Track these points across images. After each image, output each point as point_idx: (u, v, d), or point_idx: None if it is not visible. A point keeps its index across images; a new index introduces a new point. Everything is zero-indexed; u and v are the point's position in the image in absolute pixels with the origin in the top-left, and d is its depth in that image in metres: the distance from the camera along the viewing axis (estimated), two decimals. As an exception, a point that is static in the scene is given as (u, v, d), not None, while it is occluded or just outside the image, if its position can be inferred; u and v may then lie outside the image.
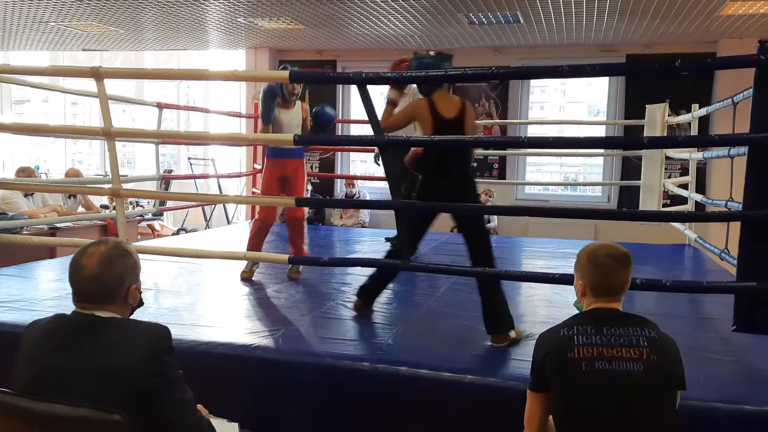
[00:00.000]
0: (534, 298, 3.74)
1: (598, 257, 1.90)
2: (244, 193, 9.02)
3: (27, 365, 1.62)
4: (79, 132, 6.35)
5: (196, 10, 6.64)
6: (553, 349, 1.81)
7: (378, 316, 3.27)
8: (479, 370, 2.48)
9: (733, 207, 3.39)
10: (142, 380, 1.56)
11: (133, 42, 8.71)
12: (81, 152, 11.79)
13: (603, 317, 1.85)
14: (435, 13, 6.36)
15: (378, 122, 2.80)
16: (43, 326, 1.66)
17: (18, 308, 3.17)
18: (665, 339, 1.82)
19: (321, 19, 6.88)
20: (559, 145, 3.51)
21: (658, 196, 5.78)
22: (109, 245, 1.70)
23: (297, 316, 3.17)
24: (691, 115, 5.11)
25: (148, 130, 4.78)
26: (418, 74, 2.89)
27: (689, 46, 7.44)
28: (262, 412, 2.59)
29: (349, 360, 2.56)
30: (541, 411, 1.89)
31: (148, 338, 1.62)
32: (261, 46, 8.60)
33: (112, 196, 3.09)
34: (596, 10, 6.09)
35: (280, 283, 3.94)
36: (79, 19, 7.19)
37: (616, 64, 6.97)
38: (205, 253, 3.45)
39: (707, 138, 2.61)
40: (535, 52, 8.03)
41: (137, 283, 1.73)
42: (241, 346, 2.69)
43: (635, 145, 4.78)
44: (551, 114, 9.17)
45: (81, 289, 1.66)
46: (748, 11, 5.95)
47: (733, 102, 3.43)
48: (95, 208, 6.48)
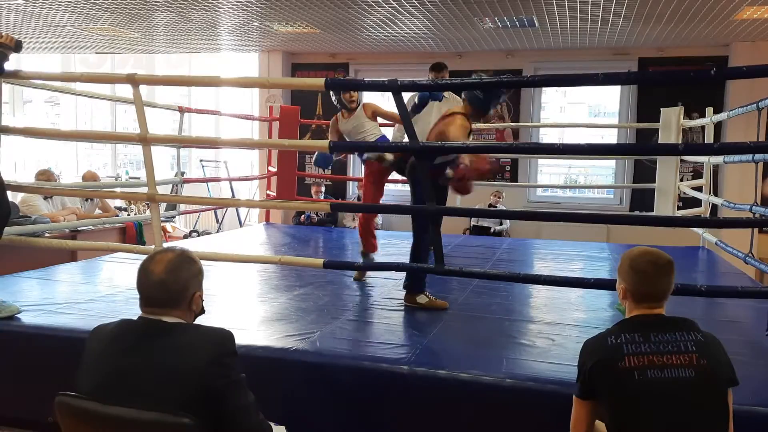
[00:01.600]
0: (558, 301, 3.77)
1: (640, 264, 1.91)
2: (257, 196, 9.06)
3: (95, 369, 1.65)
4: (116, 138, 6.39)
5: (209, 14, 6.68)
6: (602, 358, 1.81)
7: (407, 319, 3.31)
8: (517, 374, 2.51)
9: (758, 212, 3.44)
10: (208, 383, 1.61)
11: (145, 44, 8.76)
12: (91, 154, 11.82)
13: (648, 324, 1.87)
14: (450, 17, 6.40)
15: (412, 128, 2.84)
16: (110, 331, 1.70)
17: (53, 311, 3.21)
18: (711, 340, 1.84)
19: (335, 23, 6.93)
20: (590, 152, 3.53)
21: (673, 199, 5.81)
22: (176, 253, 1.75)
23: (329, 319, 3.20)
24: (710, 119, 5.15)
25: (184, 136, 4.81)
26: (452, 81, 2.92)
27: (702, 49, 7.48)
28: (300, 414, 2.62)
29: (388, 363, 2.59)
30: (587, 418, 1.90)
31: (213, 342, 1.67)
32: (274, 50, 8.65)
33: (148, 201, 3.13)
34: (611, 15, 6.13)
35: (305, 286, 3.98)
36: (93, 22, 7.24)
37: (650, 73, 7.05)
38: (249, 258, 3.51)
39: (742, 145, 2.63)
40: (547, 55, 8.07)
41: (201, 290, 1.77)
42: (279, 349, 2.72)
43: (671, 152, 4.82)
44: (552, 115, 9.21)
45: (148, 294, 1.71)
46: (763, 15, 5.98)
47: (758, 107, 3.47)
48: (113, 211, 6.53)
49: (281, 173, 6.99)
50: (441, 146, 2.88)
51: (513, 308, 3.64)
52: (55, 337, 2.90)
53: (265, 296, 3.82)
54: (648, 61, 7.74)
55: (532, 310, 3.71)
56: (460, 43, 7.74)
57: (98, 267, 4.60)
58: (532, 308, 3.74)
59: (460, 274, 2.99)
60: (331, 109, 8.61)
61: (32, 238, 3.96)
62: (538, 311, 3.66)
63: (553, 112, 9.32)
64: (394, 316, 3.36)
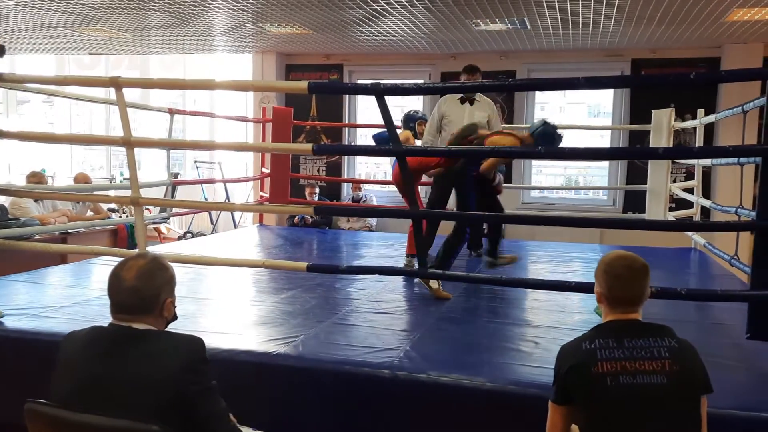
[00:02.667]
0: (545, 303, 3.77)
1: (614, 268, 1.91)
2: (251, 197, 9.06)
3: (68, 376, 1.65)
4: (99, 141, 6.41)
5: (203, 15, 6.68)
6: (577, 363, 1.82)
7: (392, 322, 3.31)
8: (498, 378, 2.51)
9: (742, 214, 3.44)
10: (180, 390, 1.60)
11: (139, 46, 8.75)
12: (87, 155, 11.82)
13: (623, 329, 1.87)
14: (443, 19, 6.39)
15: (395, 131, 2.84)
16: (82, 338, 1.70)
17: (38, 315, 3.21)
18: (685, 346, 1.84)
19: (328, 24, 6.93)
20: (571, 155, 3.56)
21: (664, 201, 5.81)
22: (147, 259, 1.74)
23: (314, 323, 3.20)
24: (699, 122, 5.15)
25: (169, 140, 4.80)
26: (434, 85, 2.92)
27: (694, 51, 7.48)
28: (282, 419, 2.62)
29: (370, 367, 2.59)
30: (563, 423, 1.90)
31: (184, 349, 1.66)
32: (268, 51, 8.64)
33: (131, 204, 3.13)
34: (603, 16, 6.13)
35: (294, 289, 3.98)
36: (87, 23, 7.24)
37: (634, 76, 7.07)
38: (232, 262, 3.49)
39: (721, 149, 2.64)
40: (541, 57, 8.07)
41: (172, 296, 1.77)
42: (262, 353, 2.72)
43: (651, 156, 4.87)
44: (551, 114, 9.21)
45: (119, 301, 1.70)
46: (754, 17, 5.99)
47: (743, 110, 3.47)
48: (104, 213, 6.53)
49: (274, 175, 6.98)
50: (424, 149, 2.88)
51: (499, 311, 3.64)
52: (38, 341, 2.89)
53: (253, 299, 3.82)
54: (641, 62, 7.74)
55: (518, 312, 3.71)
56: (454, 45, 7.73)
57: (88, 270, 4.59)
58: (518, 311, 3.74)
59: (443, 277, 2.99)
60: (326, 111, 8.70)
61: (18, 242, 3.96)
62: (525, 314, 3.66)
63: (552, 112, 9.33)
64: (380, 319, 3.36)
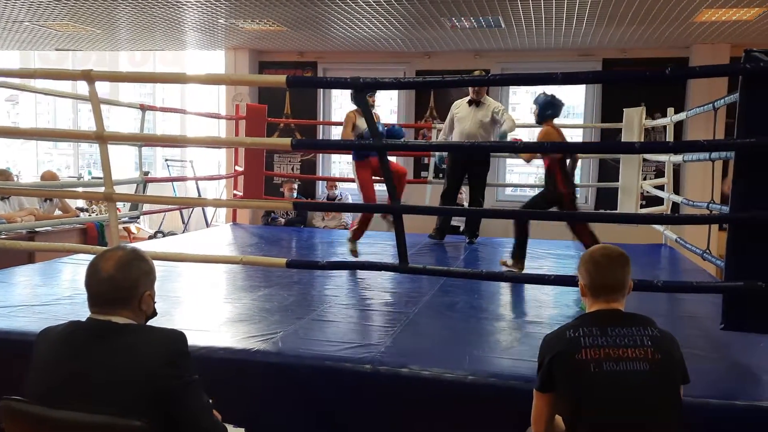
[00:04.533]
0: (523, 298, 3.81)
1: (594, 257, 1.99)
2: (224, 196, 8.96)
3: (44, 373, 1.61)
4: (71, 136, 6.24)
5: (174, 10, 6.57)
6: (561, 351, 1.85)
7: (372, 317, 3.30)
8: (479, 371, 2.52)
9: (714, 209, 3.51)
10: (161, 385, 1.57)
11: (107, 42, 8.58)
12: (53, 155, 11.56)
13: (606, 318, 1.92)
14: (418, 17, 6.40)
15: (376, 126, 2.83)
16: (59, 333, 1.66)
17: (6, 315, 3.12)
18: (666, 336, 1.89)
19: (302, 21, 6.88)
20: (552, 150, 3.61)
21: (636, 197, 5.91)
22: (126, 250, 1.71)
23: (293, 320, 3.17)
24: (670, 119, 5.25)
25: (143, 134, 4.71)
26: (415, 80, 2.92)
27: (664, 50, 7.63)
28: (263, 416, 2.59)
29: (351, 362, 2.58)
30: (547, 411, 1.94)
31: (165, 343, 1.63)
32: (241, 47, 8.55)
33: (105, 200, 3.05)
34: (576, 16, 6.21)
35: (271, 286, 3.94)
36: (54, 18, 7.07)
37: (609, 72, 7.22)
38: (209, 258, 3.44)
39: (696, 143, 2.70)
40: (514, 56, 8.14)
41: (152, 290, 1.73)
42: (241, 350, 2.69)
43: (628, 150, 4.99)
44: (523, 116, 9.30)
45: (96, 292, 1.66)
46: (721, 18, 6.12)
47: (714, 107, 3.54)
48: (73, 212, 6.38)
49: (248, 172, 6.90)
50: (404, 144, 2.87)
51: (479, 306, 3.65)
52: (7, 341, 2.81)
53: (229, 297, 3.77)
54: (612, 62, 7.86)
55: (497, 307, 3.73)
56: (428, 43, 7.75)
57: (56, 269, 4.48)
58: (497, 305, 3.76)
59: (423, 272, 2.99)
60: (300, 109, 8.64)
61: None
62: (504, 308, 3.69)
63: (524, 113, 9.41)
64: (358, 315, 3.34)
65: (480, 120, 5.48)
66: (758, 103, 2.49)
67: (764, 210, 2.51)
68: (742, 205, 2.56)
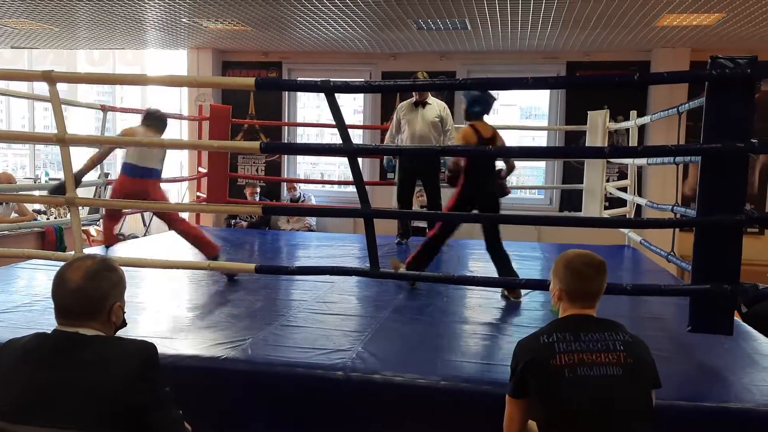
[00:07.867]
0: (492, 301, 3.81)
1: (575, 264, 1.98)
2: (186, 198, 8.78)
3: (7, 386, 1.52)
4: (31, 139, 6.04)
5: (135, 8, 6.41)
6: (535, 357, 1.85)
7: (342, 323, 3.25)
8: (451, 376, 2.51)
9: (678, 211, 3.58)
10: (133, 399, 1.52)
11: (65, 40, 8.33)
12: (7, 155, 11.19)
13: (579, 323, 1.93)
14: (384, 18, 6.38)
15: (346, 130, 2.80)
16: (23, 345, 1.58)
17: (-40, 324, 2.98)
18: (638, 341, 1.92)
19: (267, 21, 6.79)
20: (520, 154, 3.64)
21: (600, 199, 6.02)
22: (95, 260, 1.64)
23: (262, 325, 3.11)
24: (634, 122, 5.34)
25: (106, 137, 4.57)
26: (386, 84, 2.90)
27: (626, 54, 7.78)
28: (233, 424, 2.53)
29: (323, 369, 2.53)
30: (520, 416, 1.94)
31: (135, 355, 1.57)
32: (204, 47, 8.40)
33: (67, 204, 2.95)
34: (541, 19, 6.28)
35: (238, 291, 3.87)
36: (9, 15, 6.82)
37: (578, 77, 7.37)
38: (175, 264, 3.36)
39: (664, 148, 2.74)
40: (479, 58, 8.19)
41: (122, 301, 1.66)
42: (209, 358, 2.62)
43: (598, 155, 5.06)
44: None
45: (63, 303, 1.59)
46: (682, 23, 6.27)
47: (678, 111, 3.61)
48: (30, 215, 6.17)
49: (212, 174, 6.78)
50: (375, 147, 2.85)
51: (449, 309, 3.65)
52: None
53: (195, 303, 3.68)
54: (575, 65, 7.98)
55: (467, 311, 3.73)
56: (394, 45, 7.74)
57: (12, 275, 4.31)
58: (467, 309, 3.76)
59: (393, 276, 2.97)
60: (264, 109, 8.53)
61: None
62: (473, 312, 3.69)
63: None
64: (328, 320, 3.29)
65: (429, 120, 5.47)
66: (724, 108, 2.54)
67: (729, 214, 2.56)
68: (708, 209, 2.60)
